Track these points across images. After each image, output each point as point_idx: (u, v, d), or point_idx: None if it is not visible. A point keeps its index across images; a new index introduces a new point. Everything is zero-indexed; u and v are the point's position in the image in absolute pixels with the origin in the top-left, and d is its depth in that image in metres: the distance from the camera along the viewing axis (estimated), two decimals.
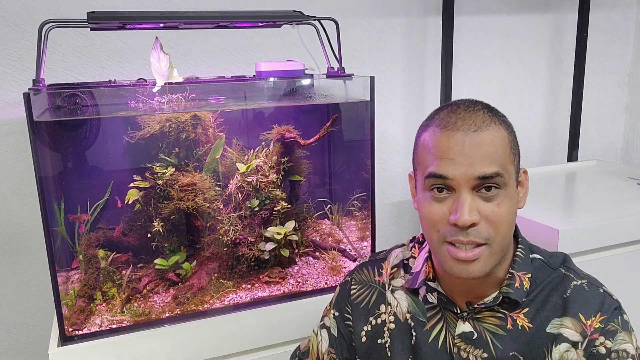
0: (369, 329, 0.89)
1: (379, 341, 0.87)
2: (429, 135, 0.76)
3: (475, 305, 0.80)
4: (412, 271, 0.87)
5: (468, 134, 0.72)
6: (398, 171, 1.81)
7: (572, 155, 1.94)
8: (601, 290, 0.79)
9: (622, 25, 2.05)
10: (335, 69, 1.26)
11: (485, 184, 0.72)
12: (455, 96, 1.73)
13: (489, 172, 0.71)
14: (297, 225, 1.27)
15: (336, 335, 0.92)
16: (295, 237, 1.27)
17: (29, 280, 1.45)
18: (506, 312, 0.79)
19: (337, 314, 0.93)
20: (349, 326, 0.91)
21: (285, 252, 1.25)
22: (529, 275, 0.79)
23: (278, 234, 1.23)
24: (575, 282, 0.79)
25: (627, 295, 0.84)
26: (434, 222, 0.75)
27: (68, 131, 1.15)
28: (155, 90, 1.09)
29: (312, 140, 1.27)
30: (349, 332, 0.91)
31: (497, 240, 0.73)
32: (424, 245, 0.89)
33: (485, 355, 0.79)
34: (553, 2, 1.90)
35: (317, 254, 1.33)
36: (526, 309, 0.78)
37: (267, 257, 1.24)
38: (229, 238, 1.21)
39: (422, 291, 0.85)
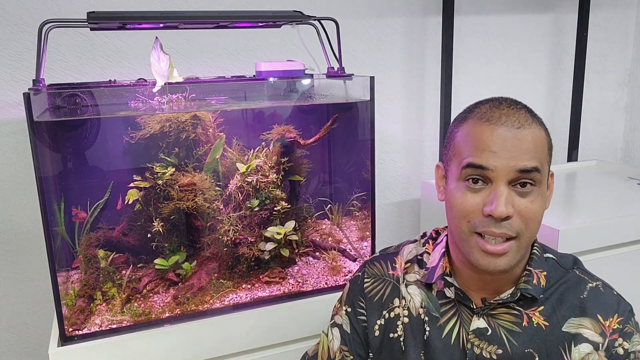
0: (382, 322, 0.88)
1: (392, 335, 0.87)
2: (470, 126, 0.76)
3: (492, 301, 0.80)
4: (427, 266, 0.87)
5: (511, 129, 0.73)
6: (398, 171, 1.81)
7: (572, 155, 1.94)
8: (615, 293, 0.82)
9: (622, 25, 2.05)
10: (335, 69, 1.26)
11: (522, 179, 0.73)
12: (455, 96, 1.73)
13: (530, 166, 0.72)
14: (297, 225, 1.27)
15: (349, 331, 0.91)
16: (295, 237, 1.27)
17: (29, 280, 1.45)
18: (521, 309, 0.80)
19: (349, 309, 0.92)
20: (362, 321, 0.90)
21: (285, 252, 1.25)
22: (545, 273, 0.81)
23: (278, 234, 1.23)
24: (590, 284, 0.81)
25: (628, 295, 0.84)
26: (466, 212, 0.75)
27: (68, 131, 1.15)
28: (155, 90, 1.09)
29: (312, 140, 1.27)
30: (362, 327, 0.90)
31: (526, 235, 0.74)
32: (438, 241, 0.90)
33: (500, 351, 0.79)
34: (553, 2, 1.90)
35: (317, 254, 1.33)
36: (542, 307, 0.80)
37: (267, 257, 1.24)
38: (229, 238, 1.21)
39: (438, 286, 0.85)
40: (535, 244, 0.83)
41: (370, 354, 0.90)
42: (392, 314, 0.88)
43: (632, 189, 1.61)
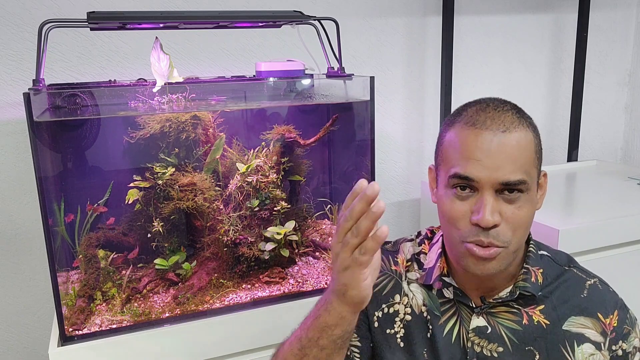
0: (380, 315, 0.88)
1: (389, 331, 0.87)
2: (456, 132, 0.77)
3: (491, 300, 0.81)
4: (424, 267, 0.88)
5: (496, 134, 0.73)
6: (398, 171, 1.81)
7: (572, 155, 1.94)
8: (611, 289, 0.83)
9: (622, 25, 2.05)
10: (335, 69, 1.26)
11: (508, 188, 0.74)
12: (455, 96, 1.73)
13: (513, 180, 0.73)
14: (297, 225, 1.27)
15: (360, 317, 0.89)
16: (295, 237, 1.27)
17: (29, 280, 1.45)
18: (520, 307, 0.81)
19: None
20: (366, 309, 0.90)
21: (285, 252, 1.25)
22: (542, 270, 0.82)
23: (278, 234, 1.23)
24: (589, 282, 0.83)
25: (627, 295, 0.84)
26: (454, 219, 0.76)
27: (68, 131, 1.15)
28: (155, 90, 1.09)
29: (312, 140, 1.27)
30: (366, 315, 0.90)
31: (513, 242, 0.75)
32: (434, 240, 0.90)
33: (501, 349, 0.80)
34: (553, 2, 1.90)
35: (317, 254, 1.33)
36: (542, 306, 0.81)
37: (267, 257, 1.24)
38: (229, 238, 1.21)
39: (437, 286, 0.85)
40: (531, 242, 0.84)
41: (371, 344, 0.90)
42: (391, 310, 0.88)
43: (632, 189, 1.61)
